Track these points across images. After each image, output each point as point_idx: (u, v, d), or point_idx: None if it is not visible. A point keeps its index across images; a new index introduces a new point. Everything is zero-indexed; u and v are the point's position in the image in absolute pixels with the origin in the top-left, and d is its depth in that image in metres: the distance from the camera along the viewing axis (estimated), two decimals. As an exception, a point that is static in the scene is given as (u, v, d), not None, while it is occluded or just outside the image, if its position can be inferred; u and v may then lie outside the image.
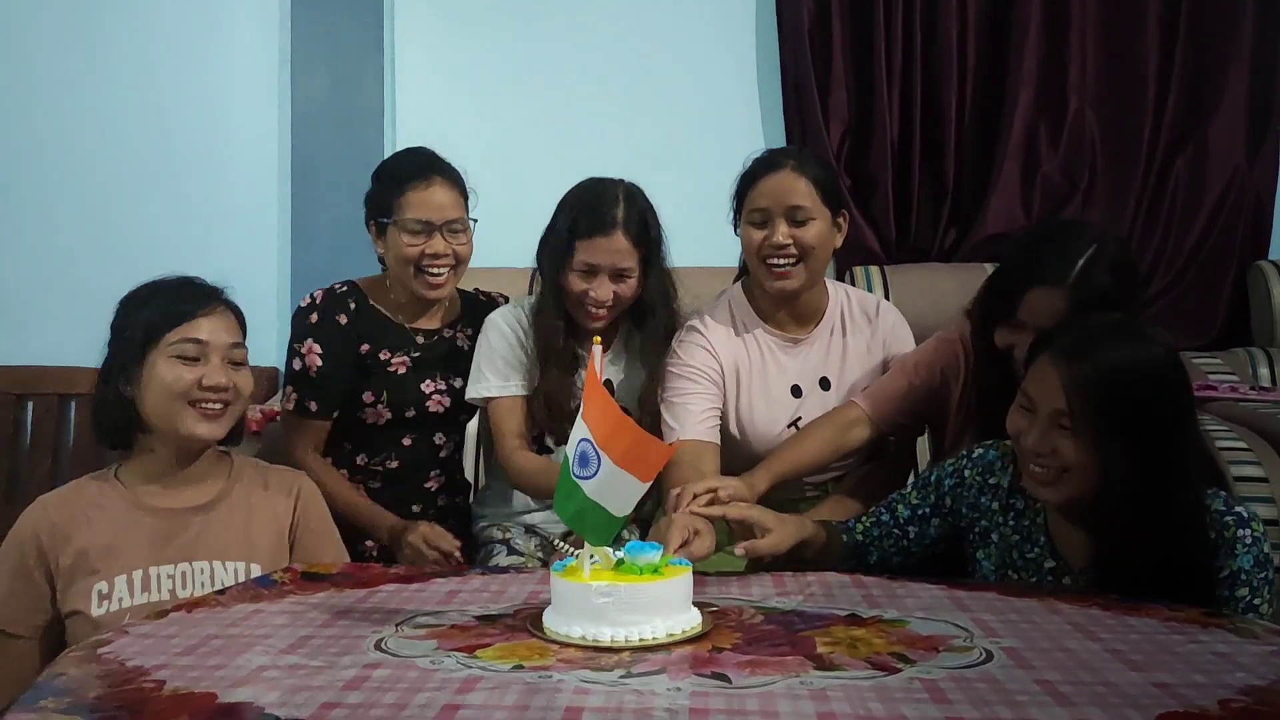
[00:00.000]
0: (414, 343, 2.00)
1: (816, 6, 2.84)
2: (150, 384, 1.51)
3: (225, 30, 3.06)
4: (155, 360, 1.51)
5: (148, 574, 1.49)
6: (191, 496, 1.56)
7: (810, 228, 1.83)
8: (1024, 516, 1.51)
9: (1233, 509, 1.40)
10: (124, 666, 1.06)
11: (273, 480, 1.64)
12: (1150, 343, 1.38)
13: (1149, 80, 2.80)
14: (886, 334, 1.97)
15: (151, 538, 1.51)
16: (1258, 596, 1.36)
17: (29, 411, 2.93)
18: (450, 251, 1.94)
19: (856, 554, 1.60)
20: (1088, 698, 0.96)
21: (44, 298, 3.03)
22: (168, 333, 1.51)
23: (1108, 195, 2.79)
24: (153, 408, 1.51)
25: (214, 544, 1.53)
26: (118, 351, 1.55)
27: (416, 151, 2.02)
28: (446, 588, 1.39)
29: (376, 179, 2.00)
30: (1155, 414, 1.35)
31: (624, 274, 1.89)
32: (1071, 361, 1.36)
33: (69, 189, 3.06)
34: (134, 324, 1.54)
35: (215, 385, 1.51)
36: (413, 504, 2.02)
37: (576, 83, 2.99)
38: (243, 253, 3.01)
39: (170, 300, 1.55)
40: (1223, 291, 2.78)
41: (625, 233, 1.87)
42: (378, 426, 1.98)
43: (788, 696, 0.97)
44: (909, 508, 1.60)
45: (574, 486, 1.20)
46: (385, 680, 1.01)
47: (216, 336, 1.54)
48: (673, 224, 2.24)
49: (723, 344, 1.92)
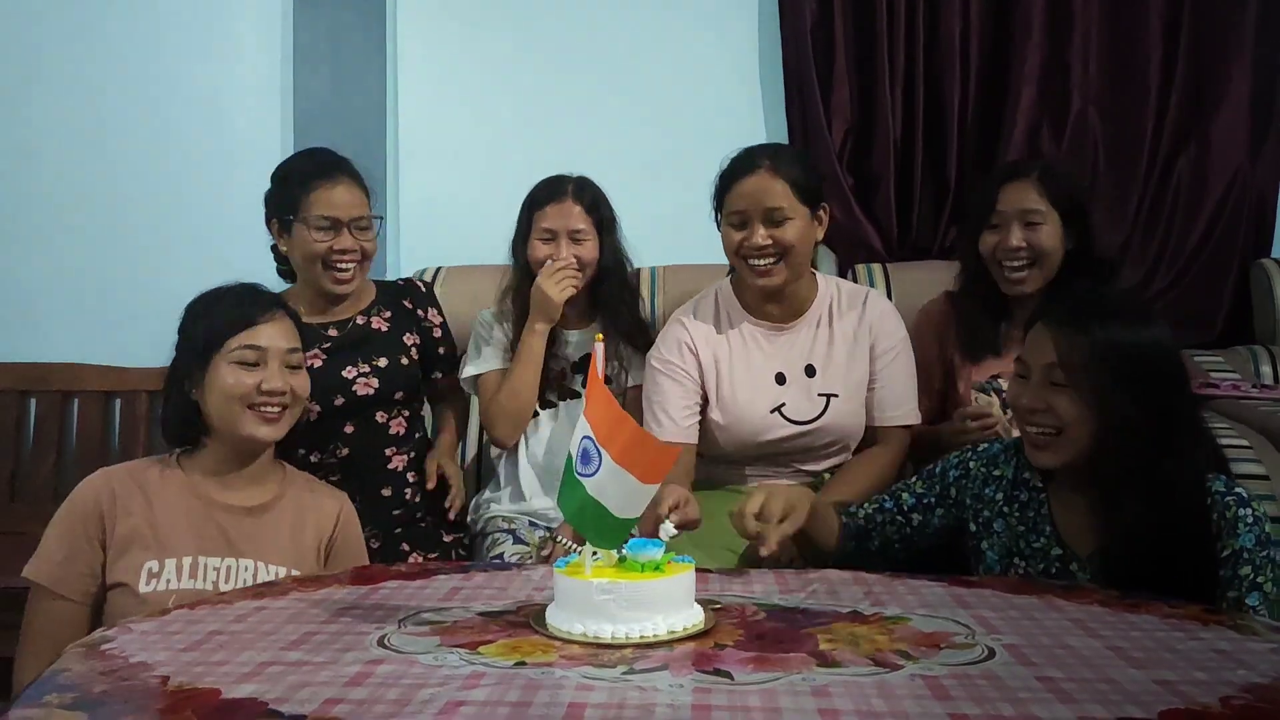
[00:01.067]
0: (324, 336, 2.04)
1: (819, 5, 2.84)
2: (213, 388, 1.59)
3: (228, 30, 3.06)
4: (218, 365, 1.59)
5: (196, 562, 1.54)
6: (247, 496, 1.63)
7: (788, 227, 1.89)
8: (1028, 507, 1.52)
9: (1233, 490, 1.42)
10: (128, 662, 1.07)
11: (321, 494, 1.73)
12: (1147, 316, 1.44)
13: (1151, 79, 2.79)
14: (873, 321, 2.00)
15: (205, 528, 1.57)
16: (1261, 575, 1.37)
17: (32, 408, 2.93)
18: (357, 247, 2.01)
19: (858, 537, 1.61)
20: (1089, 695, 0.96)
21: (47, 294, 3.02)
22: (229, 339, 1.60)
23: (1110, 194, 2.79)
24: (215, 410, 1.59)
25: (261, 545, 1.59)
26: (183, 356, 1.64)
27: (319, 151, 2.11)
28: (449, 584, 1.39)
29: (280, 179, 2.07)
30: (1149, 375, 1.38)
31: (579, 235, 2.11)
32: (1064, 323, 1.43)
33: (71, 187, 3.06)
34: (198, 330, 1.62)
35: (273, 390, 1.59)
36: (381, 488, 2.05)
37: (578, 81, 2.99)
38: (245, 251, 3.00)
39: (232, 307, 1.63)
40: (1224, 289, 2.77)
41: (577, 199, 2.11)
42: (312, 422, 1.99)
43: (790, 693, 0.97)
44: (914, 495, 1.62)
45: (577, 484, 1.21)
46: (388, 676, 1.02)
47: (275, 342, 1.62)
48: (674, 222, 2.25)
49: (703, 336, 2.00)
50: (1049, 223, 2.01)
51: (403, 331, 2.11)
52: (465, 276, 2.55)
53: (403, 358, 2.08)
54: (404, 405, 2.09)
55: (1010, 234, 2.01)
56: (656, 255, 2.56)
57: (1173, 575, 1.34)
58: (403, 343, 2.10)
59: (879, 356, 1.98)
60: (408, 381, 2.08)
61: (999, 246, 2.03)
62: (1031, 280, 2.02)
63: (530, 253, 2.12)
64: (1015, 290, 2.03)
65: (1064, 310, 1.46)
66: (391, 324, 2.11)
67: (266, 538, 1.60)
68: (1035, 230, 2.00)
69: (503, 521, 2.09)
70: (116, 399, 2.90)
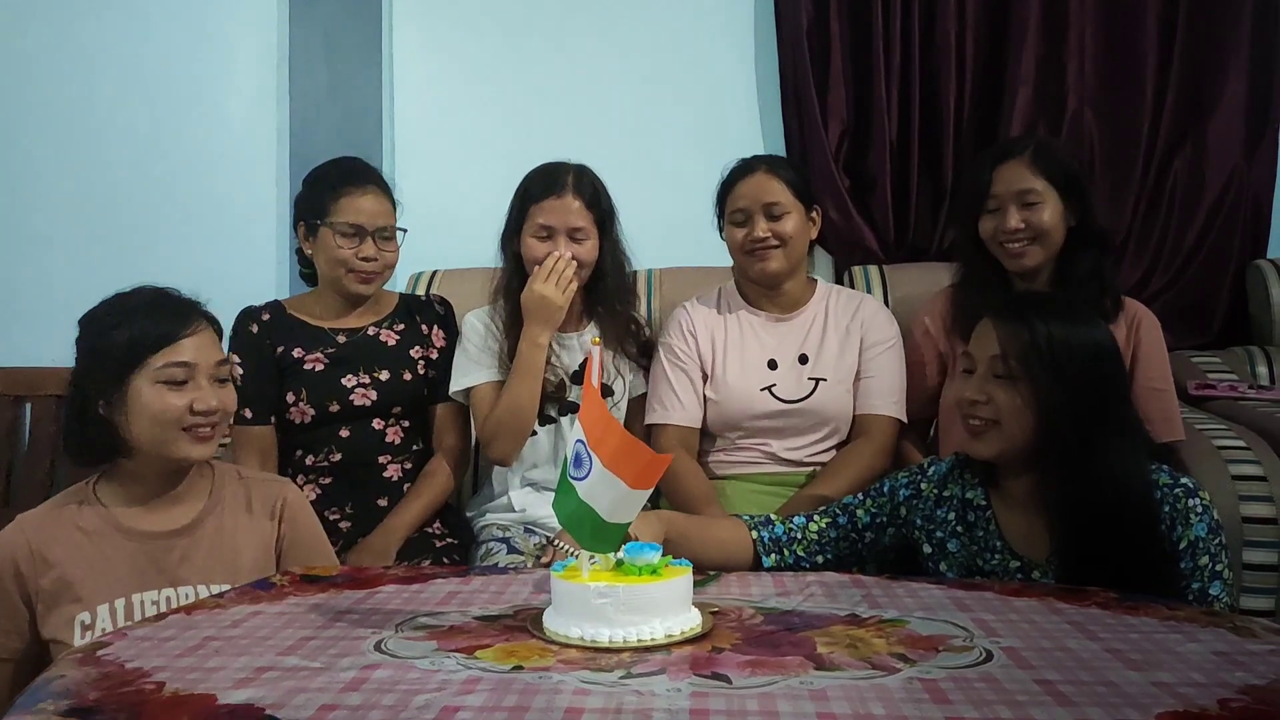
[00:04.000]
0: (332, 341, 2.05)
1: (815, 7, 2.84)
2: (136, 409, 1.45)
3: (222, 32, 3.06)
4: (139, 385, 1.45)
5: (130, 602, 1.45)
6: (174, 518, 1.51)
7: (786, 220, 2.01)
8: (976, 527, 1.54)
9: (1179, 480, 1.47)
10: (123, 668, 1.06)
11: (256, 493, 1.59)
12: (1085, 316, 1.50)
13: (1148, 80, 2.79)
14: (866, 318, 2.09)
15: (134, 563, 1.47)
16: (1218, 562, 1.43)
17: (27, 413, 2.92)
18: (379, 257, 2.02)
19: (777, 549, 1.58)
20: (1088, 697, 0.96)
21: (41, 298, 3.02)
22: (151, 356, 1.45)
23: (1106, 194, 2.78)
24: (140, 433, 1.46)
25: (198, 567, 1.49)
26: (92, 371, 1.47)
27: (352, 160, 2.13)
28: (446, 588, 1.39)
29: (311, 183, 2.08)
30: (1083, 369, 1.43)
31: (579, 234, 2.00)
32: (1007, 318, 1.48)
33: (67, 190, 3.06)
34: (111, 344, 1.45)
35: (208, 409, 1.47)
36: (377, 498, 2.03)
37: (574, 83, 2.99)
38: (241, 254, 3.01)
39: (149, 319, 1.47)
40: (1221, 290, 2.78)
41: (577, 194, 2.01)
42: (306, 425, 2.00)
43: (788, 697, 0.97)
44: (868, 514, 1.63)
45: (570, 487, 1.21)
46: (385, 681, 1.01)
47: (202, 356, 1.48)
48: (672, 224, 2.25)
49: (703, 320, 2.10)
50: (1047, 201, 1.98)
51: (411, 346, 2.09)
52: (462, 279, 2.55)
53: (406, 372, 2.06)
54: (403, 416, 2.08)
55: (1009, 216, 1.98)
56: (654, 258, 2.56)
57: (1129, 567, 1.37)
58: (409, 357, 2.08)
59: (868, 349, 2.06)
60: (408, 396, 2.06)
61: (999, 229, 2.01)
62: (1032, 255, 1.99)
63: (525, 250, 2.02)
64: (1018, 266, 2.01)
65: (1008, 307, 1.52)
66: (401, 337, 2.09)
67: (203, 558, 1.50)
68: (1034, 210, 1.98)
69: (497, 530, 2.07)
70: (112, 403, 2.90)
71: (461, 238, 2.20)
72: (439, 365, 2.11)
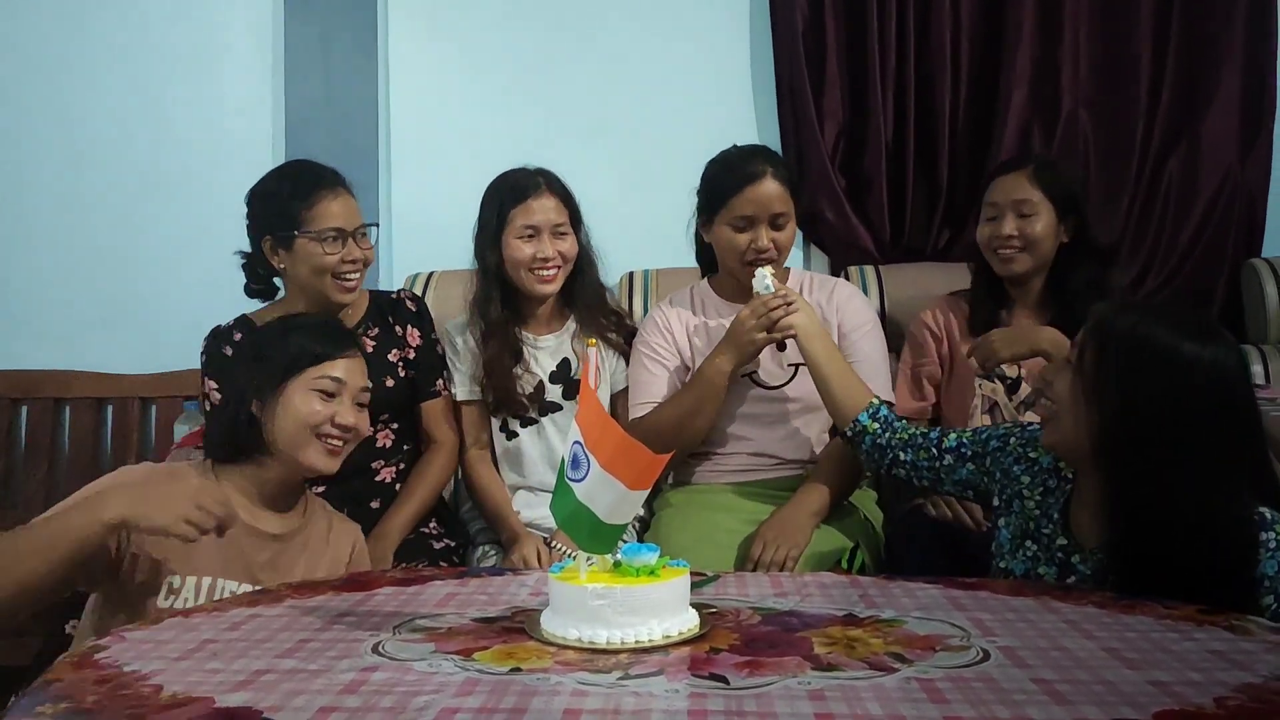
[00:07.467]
0: None
1: (810, 8, 2.84)
2: (286, 411, 1.59)
3: (218, 37, 3.05)
4: (293, 390, 1.59)
5: (215, 584, 1.52)
6: (274, 524, 1.62)
7: (787, 229, 2.02)
8: (1051, 494, 1.54)
9: (1256, 510, 1.36)
10: (121, 671, 1.06)
11: (337, 527, 1.72)
12: (1202, 332, 1.35)
13: (1142, 80, 2.80)
14: (840, 303, 2.10)
15: (229, 551, 1.53)
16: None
17: (24, 416, 2.92)
18: (361, 256, 2.01)
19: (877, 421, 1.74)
20: (1085, 696, 0.96)
21: (38, 301, 3.01)
22: (310, 366, 1.60)
23: (1101, 195, 2.79)
24: (281, 432, 1.59)
25: (279, 573, 1.57)
26: (255, 372, 1.63)
27: (305, 164, 2.09)
28: (444, 590, 1.39)
29: (270, 195, 2.02)
30: (1167, 379, 1.32)
31: (560, 230, 2.06)
32: (1110, 314, 1.42)
33: (64, 193, 3.05)
34: (277, 351, 1.62)
35: (345, 424, 1.61)
36: (370, 501, 2.03)
37: (569, 86, 2.99)
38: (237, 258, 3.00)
39: (316, 336, 1.65)
40: (1216, 290, 2.78)
41: (552, 193, 2.07)
42: None
43: (785, 697, 0.97)
44: (955, 440, 1.68)
45: (567, 489, 1.21)
46: (383, 683, 1.01)
47: (352, 378, 1.63)
48: (667, 225, 2.25)
49: (677, 316, 2.13)
50: (1041, 213, 2.07)
51: (387, 350, 2.08)
52: (458, 281, 2.54)
53: (387, 378, 2.05)
54: (391, 420, 2.07)
55: (1004, 223, 2.08)
56: (650, 259, 2.56)
57: (1177, 583, 1.30)
58: (388, 362, 2.07)
59: (847, 334, 2.07)
60: (392, 403, 2.05)
61: (994, 235, 2.10)
62: (1020, 262, 2.08)
63: (510, 253, 2.05)
64: (1007, 270, 2.10)
65: (1122, 305, 1.50)
66: (377, 343, 2.07)
67: (284, 566, 1.59)
68: (1028, 220, 2.07)
69: (492, 533, 2.08)
70: (108, 405, 2.90)
71: (457, 241, 2.20)
72: (417, 364, 2.11)
